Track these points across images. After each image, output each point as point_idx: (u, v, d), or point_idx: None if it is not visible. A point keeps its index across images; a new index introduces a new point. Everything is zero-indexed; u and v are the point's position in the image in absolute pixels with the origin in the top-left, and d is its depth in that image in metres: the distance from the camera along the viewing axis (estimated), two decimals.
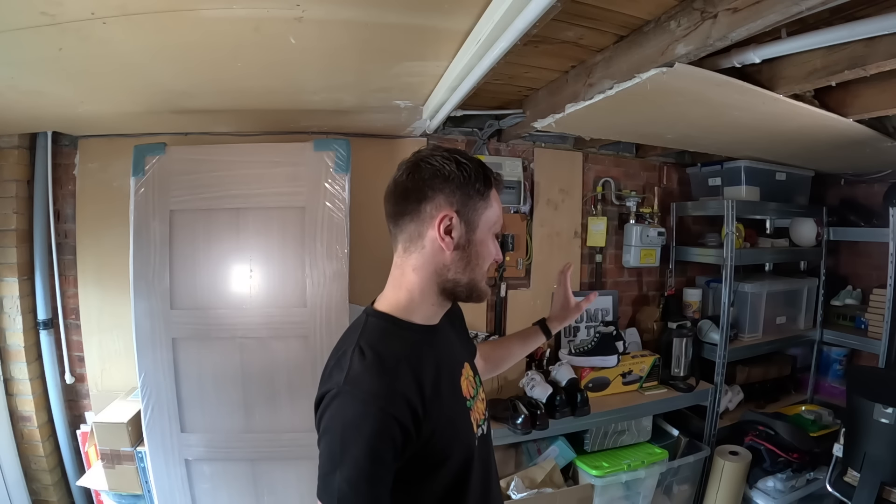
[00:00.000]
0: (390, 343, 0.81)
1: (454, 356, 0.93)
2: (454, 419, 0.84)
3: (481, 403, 0.95)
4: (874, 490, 1.77)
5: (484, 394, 0.99)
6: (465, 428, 0.86)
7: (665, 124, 1.92)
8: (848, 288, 2.75)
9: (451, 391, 0.85)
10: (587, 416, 2.03)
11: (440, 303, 0.86)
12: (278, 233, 1.77)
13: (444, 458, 0.81)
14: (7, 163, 1.95)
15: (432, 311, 0.87)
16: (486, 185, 0.84)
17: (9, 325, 1.98)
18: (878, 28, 1.09)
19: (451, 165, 0.81)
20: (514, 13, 0.99)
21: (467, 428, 0.87)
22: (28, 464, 2.04)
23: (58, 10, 0.98)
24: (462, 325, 1.06)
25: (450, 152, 0.84)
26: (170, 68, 1.37)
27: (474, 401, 0.92)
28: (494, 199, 0.86)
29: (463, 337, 1.04)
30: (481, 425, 0.92)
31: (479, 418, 0.92)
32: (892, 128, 1.91)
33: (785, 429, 2.27)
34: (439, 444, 0.79)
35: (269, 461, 1.76)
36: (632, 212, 2.56)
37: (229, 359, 1.75)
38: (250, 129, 2.06)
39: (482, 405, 0.95)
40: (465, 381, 0.91)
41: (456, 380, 0.89)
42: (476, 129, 2.26)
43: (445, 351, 0.89)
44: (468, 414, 0.88)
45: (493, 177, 0.86)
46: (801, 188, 2.73)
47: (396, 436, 0.71)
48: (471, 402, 0.90)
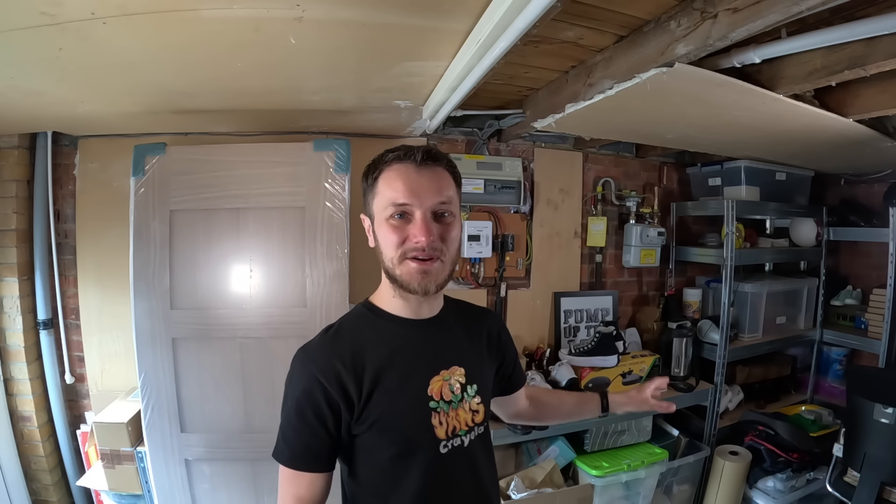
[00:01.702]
0: (356, 324, 0.89)
1: (433, 356, 0.90)
2: (397, 411, 0.84)
3: (465, 413, 0.90)
4: (874, 490, 1.77)
5: (480, 407, 0.93)
6: (413, 424, 0.85)
7: (665, 124, 1.92)
8: (848, 288, 2.75)
9: (401, 384, 0.85)
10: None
11: (402, 294, 0.87)
12: (278, 233, 1.77)
13: (379, 444, 0.84)
14: (7, 163, 1.95)
15: (402, 304, 0.89)
16: (372, 175, 0.86)
17: (9, 325, 1.98)
18: (878, 28, 1.09)
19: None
20: (514, 13, 0.99)
21: (420, 426, 0.85)
22: (28, 464, 2.04)
23: (58, 10, 0.97)
24: (491, 339, 1.02)
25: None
26: (170, 68, 1.37)
27: (450, 406, 0.88)
28: (383, 182, 0.84)
29: (478, 347, 0.99)
30: (459, 435, 0.89)
31: (455, 426, 0.88)
32: (892, 128, 1.91)
33: (785, 429, 2.27)
34: (374, 426, 0.83)
35: (269, 461, 1.73)
36: (632, 212, 2.56)
37: (229, 359, 1.75)
38: (250, 129, 2.06)
39: (466, 415, 0.90)
40: (439, 383, 0.88)
41: (417, 376, 0.87)
42: (476, 129, 2.27)
43: (421, 347, 0.89)
44: (428, 414, 0.86)
45: (385, 157, 0.85)
46: (801, 188, 2.73)
47: (320, 400, 0.80)
48: (441, 404, 0.87)
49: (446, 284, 0.89)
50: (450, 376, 0.89)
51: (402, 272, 0.83)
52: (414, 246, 0.81)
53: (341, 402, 0.81)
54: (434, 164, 0.85)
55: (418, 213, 0.82)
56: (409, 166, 0.83)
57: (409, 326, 0.89)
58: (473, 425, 0.91)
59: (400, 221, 0.83)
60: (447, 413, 0.87)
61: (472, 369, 0.93)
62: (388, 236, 0.83)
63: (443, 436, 0.87)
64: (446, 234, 0.84)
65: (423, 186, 0.82)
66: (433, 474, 0.86)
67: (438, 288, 0.86)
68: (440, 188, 0.84)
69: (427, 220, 0.82)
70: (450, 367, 0.90)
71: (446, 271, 0.86)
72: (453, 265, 0.88)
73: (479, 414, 0.92)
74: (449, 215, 0.85)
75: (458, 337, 0.95)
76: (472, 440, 0.91)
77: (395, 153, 0.85)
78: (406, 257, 0.82)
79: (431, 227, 0.82)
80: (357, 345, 0.85)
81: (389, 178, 0.83)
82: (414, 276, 0.82)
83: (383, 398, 0.83)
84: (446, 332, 0.94)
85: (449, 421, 0.87)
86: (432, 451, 0.86)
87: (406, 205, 0.82)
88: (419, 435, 0.85)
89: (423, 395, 0.86)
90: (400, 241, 0.82)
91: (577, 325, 2.51)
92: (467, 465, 0.90)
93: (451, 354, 0.92)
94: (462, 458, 0.89)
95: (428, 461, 0.86)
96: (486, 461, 0.96)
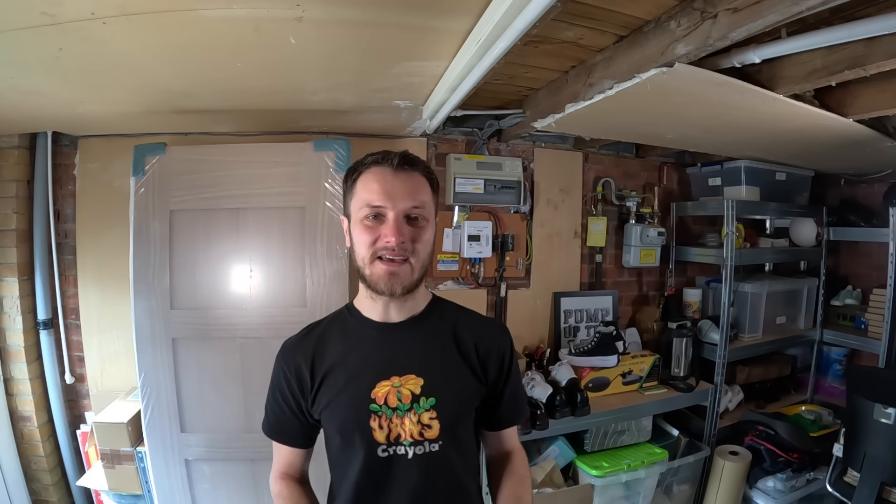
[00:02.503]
0: (330, 323, 0.98)
1: (387, 360, 0.89)
2: (339, 405, 0.89)
3: (411, 424, 0.86)
4: (874, 490, 1.77)
5: (434, 423, 0.87)
6: (351, 420, 0.88)
7: (665, 124, 1.92)
8: (848, 288, 2.75)
9: (346, 380, 0.89)
10: (587, 416, 2.03)
11: (372, 296, 0.91)
12: (278, 233, 1.77)
13: (330, 430, 0.93)
14: (7, 163, 1.95)
15: (372, 305, 0.93)
16: (352, 177, 0.90)
17: (9, 325, 1.98)
18: (878, 28, 1.09)
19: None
20: (514, 13, 0.99)
21: (357, 424, 0.87)
22: (28, 464, 2.04)
23: (58, 10, 0.98)
24: (479, 357, 0.94)
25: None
26: (170, 68, 1.37)
27: (394, 413, 0.86)
28: (360, 184, 0.88)
29: (456, 362, 0.92)
30: (403, 444, 0.86)
31: (399, 434, 0.86)
32: (892, 128, 1.91)
33: (785, 429, 2.27)
34: (324, 413, 0.91)
35: (269, 461, 1.74)
36: (632, 212, 2.55)
37: (229, 359, 1.75)
38: (250, 129, 2.06)
39: (412, 427, 0.86)
40: (386, 388, 0.87)
41: (364, 377, 0.89)
42: (476, 129, 2.26)
43: (376, 350, 0.91)
44: (367, 415, 0.86)
45: (365, 161, 0.89)
46: (801, 188, 2.73)
47: (284, 385, 0.94)
48: (383, 409, 0.86)
49: (416, 287, 0.90)
50: (401, 383, 0.88)
51: (371, 272, 0.86)
52: (384, 245, 0.84)
53: (298, 389, 0.93)
54: (411, 170, 0.88)
55: (391, 215, 0.84)
56: (385, 170, 0.86)
57: (373, 328, 0.93)
58: (422, 440, 0.87)
59: (374, 222, 0.85)
60: (389, 419, 0.87)
61: (435, 382, 0.89)
62: (361, 236, 0.86)
63: (382, 440, 0.87)
64: (418, 236, 0.86)
65: (397, 189, 0.85)
66: (367, 474, 0.88)
67: (405, 290, 0.87)
68: (414, 192, 0.86)
69: (399, 222, 0.84)
70: (403, 375, 0.89)
71: (415, 275, 0.88)
72: (423, 269, 0.89)
73: (430, 429, 0.87)
74: (422, 219, 0.87)
75: (430, 347, 0.92)
76: (419, 455, 0.87)
77: (374, 157, 0.88)
78: (376, 257, 0.85)
79: (403, 229, 0.84)
80: (321, 342, 0.95)
81: (366, 181, 0.87)
82: (382, 277, 0.85)
83: (329, 390, 0.90)
84: (414, 339, 0.92)
85: (392, 427, 0.87)
86: (370, 452, 0.87)
87: (380, 206, 0.84)
88: (357, 432, 0.88)
89: (366, 395, 0.87)
90: (372, 241, 0.85)
91: (577, 325, 2.51)
92: (407, 479, 0.87)
93: (410, 362, 0.90)
94: (402, 470, 0.87)
95: (365, 460, 0.88)
96: (435, 484, 0.89)
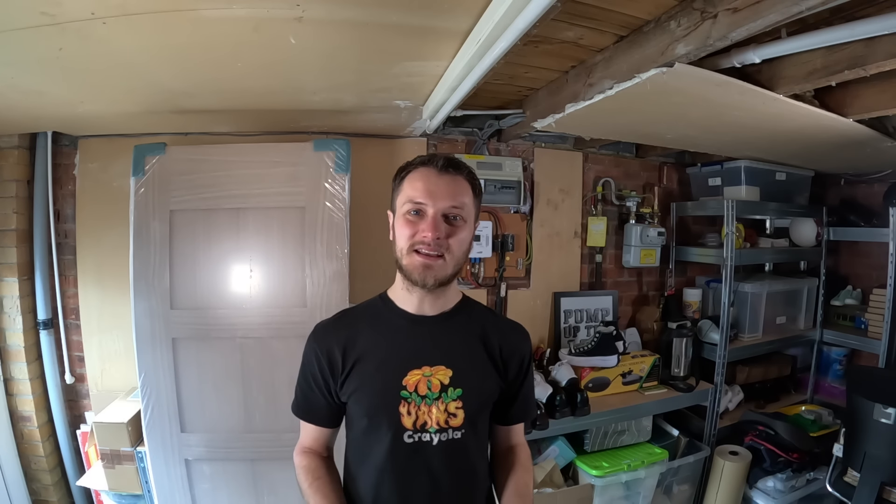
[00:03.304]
0: (364, 310, 1.03)
1: (419, 350, 0.95)
2: (369, 389, 0.94)
3: (439, 413, 0.92)
4: (874, 490, 1.77)
5: (459, 412, 0.93)
6: (380, 405, 0.93)
7: (665, 124, 1.92)
8: (848, 288, 2.76)
9: (377, 366, 0.95)
10: (587, 416, 2.03)
11: (408, 287, 0.96)
12: (278, 233, 1.77)
13: (357, 413, 0.96)
14: (7, 163, 1.95)
15: (407, 297, 0.98)
16: (400, 175, 0.97)
17: (9, 325, 1.98)
18: (878, 28, 1.09)
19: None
20: (514, 13, 0.99)
21: (386, 409, 0.92)
22: (28, 464, 2.04)
23: (58, 10, 0.98)
24: (503, 356, 1.00)
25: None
26: (170, 68, 1.37)
27: (423, 401, 0.92)
28: (407, 182, 0.95)
29: (482, 357, 0.98)
30: (429, 431, 0.92)
31: (425, 421, 0.92)
32: (892, 128, 1.91)
33: (785, 429, 2.27)
34: (353, 397, 0.95)
35: (269, 461, 1.76)
36: (632, 212, 2.55)
37: (229, 359, 1.75)
38: (250, 129, 2.06)
39: (440, 415, 0.92)
40: (417, 377, 0.93)
41: (396, 364, 0.94)
42: (476, 129, 2.27)
43: (409, 340, 0.96)
44: (397, 401, 0.92)
45: (413, 161, 0.96)
46: (801, 188, 2.73)
47: (315, 367, 0.97)
48: (413, 396, 0.92)
49: (449, 282, 0.96)
50: (432, 373, 0.94)
51: (408, 263, 0.92)
52: (421, 239, 0.90)
53: (329, 371, 0.96)
54: (454, 173, 0.94)
55: (430, 212, 0.91)
56: (430, 170, 0.93)
57: (406, 319, 0.98)
58: (447, 427, 0.93)
59: (415, 217, 0.92)
60: (418, 406, 0.92)
61: (462, 374, 0.95)
62: (402, 229, 0.92)
63: (409, 426, 0.92)
64: (454, 234, 0.92)
65: (439, 189, 0.91)
66: (392, 458, 0.92)
67: (438, 283, 0.92)
68: (455, 193, 0.92)
69: (437, 219, 0.90)
70: (434, 366, 0.94)
71: (449, 270, 0.93)
72: (457, 266, 0.95)
73: (455, 418, 0.93)
74: (459, 219, 0.93)
75: (460, 341, 0.98)
76: (443, 442, 0.93)
77: (422, 158, 0.96)
78: (414, 249, 0.91)
79: (440, 226, 0.90)
80: (355, 327, 0.99)
81: (412, 179, 0.94)
82: (417, 268, 0.91)
83: (360, 375, 0.94)
84: (445, 333, 0.98)
85: (419, 414, 0.92)
86: (396, 437, 0.92)
87: (421, 203, 0.91)
88: (385, 416, 0.92)
89: (397, 382, 0.93)
90: (411, 234, 0.91)
91: (577, 325, 2.51)
92: (429, 463, 0.93)
93: (440, 354, 0.95)
94: (426, 456, 0.93)
95: (390, 444, 0.92)
96: (455, 470, 0.95)
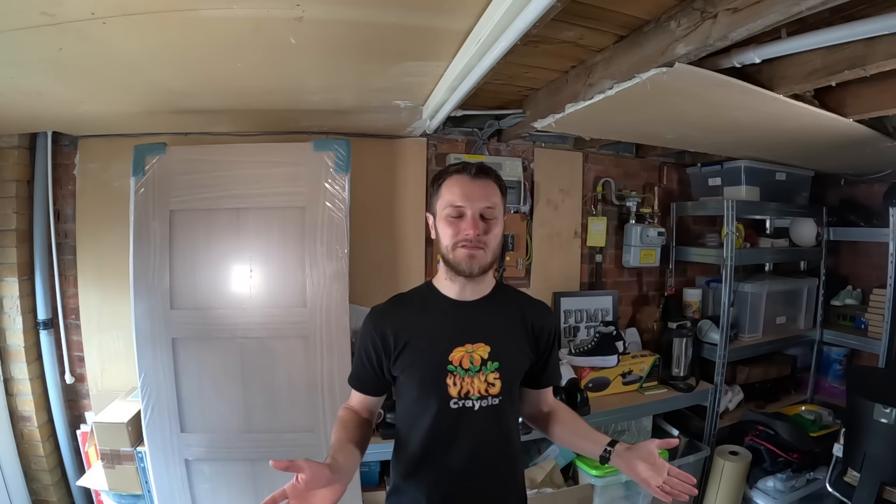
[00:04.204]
0: (413, 296, 1.17)
1: (462, 330, 1.09)
2: (420, 364, 1.08)
3: (480, 383, 1.07)
4: (874, 490, 1.77)
5: (497, 382, 1.08)
6: (430, 377, 1.07)
7: (665, 124, 1.92)
8: (848, 288, 2.76)
9: (427, 345, 1.08)
10: (587, 416, 2.03)
11: (452, 276, 1.09)
12: (278, 233, 1.77)
13: (408, 386, 1.10)
14: (7, 163, 1.95)
15: (450, 285, 1.12)
16: (438, 182, 1.11)
17: (9, 325, 1.98)
18: (878, 28, 1.09)
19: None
20: (514, 13, 0.99)
21: (435, 381, 1.06)
22: (28, 464, 2.04)
23: (58, 10, 0.98)
24: (534, 331, 1.15)
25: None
26: (170, 68, 1.37)
27: (467, 373, 1.07)
28: (446, 188, 1.08)
29: (515, 333, 1.13)
30: (472, 398, 1.07)
31: (468, 390, 1.06)
32: (892, 128, 1.91)
33: (785, 429, 2.27)
34: (405, 371, 1.08)
35: (268, 461, 1.76)
36: (632, 212, 2.55)
37: (229, 359, 1.75)
38: (250, 129, 2.06)
39: (480, 384, 1.07)
40: (461, 353, 1.07)
41: (443, 342, 1.08)
42: (476, 129, 2.26)
43: (453, 322, 1.10)
44: (444, 374, 1.06)
45: (448, 169, 1.10)
46: (801, 188, 2.73)
47: (370, 343, 1.11)
48: (458, 369, 1.06)
49: (490, 269, 1.10)
50: (473, 349, 1.08)
51: (455, 256, 1.06)
52: (465, 237, 1.04)
53: (382, 349, 1.10)
54: (485, 177, 1.08)
55: (469, 213, 1.05)
56: (465, 177, 1.07)
57: (451, 304, 1.12)
58: (487, 395, 1.08)
59: (455, 219, 1.06)
60: (462, 378, 1.07)
61: (499, 349, 1.09)
62: (446, 229, 1.06)
63: (454, 395, 1.06)
64: (489, 230, 1.06)
65: (475, 193, 1.05)
66: (439, 422, 1.07)
67: (482, 270, 1.07)
68: (487, 195, 1.06)
69: (475, 219, 1.04)
70: (475, 343, 1.08)
71: (488, 258, 1.07)
72: (494, 255, 1.09)
73: (494, 387, 1.08)
74: (493, 217, 1.07)
75: (495, 321, 1.12)
76: (483, 408, 1.07)
77: (456, 167, 1.10)
78: (458, 245, 1.05)
79: (478, 224, 1.04)
80: (406, 311, 1.14)
81: (450, 185, 1.07)
82: (463, 259, 1.05)
83: (412, 352, 1.08)
84: (483, 314, 1.12)
85: (463, 384, 1.06)
86: (443, 404, 1.06)
87: (461, 206, 1.05)
88: (434, 387, 1.06)
89: (444, 358, 1.07)
90: (455, 233, 1.05)
91: (577, 325, 2.51)
92: (471, 425, 1.07)
93: (480, 332, 1.09)
94: (468, 419, 1.07)
95: (438, 410, 1.06)
96: (494, 431, 1.10)
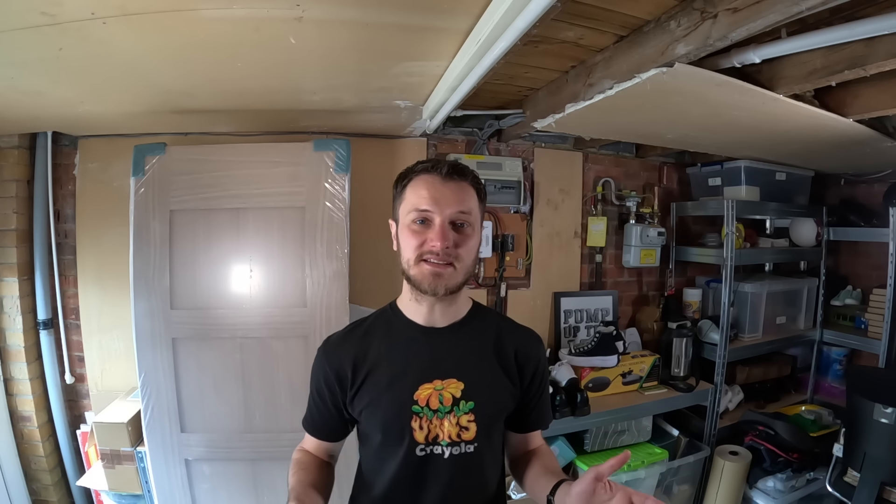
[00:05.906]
0: (374, 322, 0.99)
1: (430, 364, 0.92)
2: (381, 405, 0.91)
3: (451, 426, 0.90)
4: (874, 490, 1.77)
5: (471, 425, 0.90)
6: (393, 420, 0.90)
7: (665, 124, 1.92)
8: (848, 288, 2.75)
9: (389, 382, 0.91)
10: (587, 416, 2.03)
11: (417, 296, 0.92)
12: (278, 233, 1.77)
13: (370, 429, 0.94)
14: (7, 163, 1.95)
15: (416, 308, 0.94)
16: (402, 183, 0.93)
17: (9, 325, 1.98)
18: (878, 28, 1.09)
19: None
20: (514, 13, 0.99)
21: (398, 424, 0.90)
22: (28, 464, 2.04)
23: (58, 10, 0.98)
24: (518, 362, 0.97)
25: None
26: (170, 68, 1.37)
27: (435, 415, 0.89)
28: (411, 189, 0.90)
29: (493, 367, 0.95)
30: (441, 444, 0.90)
31: (437, 434, 0.89)
32: (892, 128, 1.91)
33: (785, 429, 2.27)
34: (364, 412, 0.93)
35: (269, 461, 1.76)
36: (632, 212, 2.55)
37: (229, 359, 1.75)
38: (250, 129, 2.06)
39: (451, 428, 0.90)
40: (428, 391, 0.90)
41: (407, 379, 0.91)
42: (476, 129, 2.26)
43: (420, 353, 0.93)
44: (409, 415, 0.89)
45: (415, 167, 0.92)
46: (801, 188, 2.73)
47: (321, 380, 0.96)
48: (424, 410, 0.89)
49: (459, 290, 0.92)
50: (443, 387, 0.91)
51: (416, 273, 0.88)
52: (430, 249, 0.86)
53: (338, 386, 0.94)
54: (459, 178, 0.90)
55: (437, 220, 0.87)
56: (434, 177, 0.89)
57: (417, 331, 0.95)
58: (459, 441, 0.91)
59: (420, 227, 0.88)
60: (430, 420, 0.90)
61: (475, 387, 0.92)
62: (408, 239, 0.88)
63: (421, 440, 0.90)
64: (462, 242, 0.88)
65: (445, 196, 0.87)
66: (404, 472, 0.91)
67: (448, 291, 0.89)
68: (461, 200, 0.89)
69: (444, 227, 0.86)
70: (446, 379, 0.91)
71: (458, 278, 0.90)
72: (467, 274, 0.91)
73: (467, 431, 0.91)
74: (467, 226, 0.89)
75: (472, 352, 0.95)
76: (455, 456, 0.91)
77: (425, 164, 0.91)
78: (421, 259, 0.88)
79: (448, 234, 0.86)
80: (365, 341, 0.96)
81: (416, 187, 0.90)
82: (426, 277, 0.87)
83: (372, 389, 0.92)
84: (457, 344, 0.95)
85: (431, 428, 0.90)
86: (409, 451, 0.90)
87: (427, 211, 0.87)
88: (397, 431, 0.90)
89: (409, 397, 0.90)
90: (419, 244, 0.87)
91: (577, 325, 2.50)
92: (439, 475, 0.91)
93: (451, 366, 0.92)
94: (436, 467, 0.91)
95: (404, 458, 0.90)
96: (467, 483, 0.93)
